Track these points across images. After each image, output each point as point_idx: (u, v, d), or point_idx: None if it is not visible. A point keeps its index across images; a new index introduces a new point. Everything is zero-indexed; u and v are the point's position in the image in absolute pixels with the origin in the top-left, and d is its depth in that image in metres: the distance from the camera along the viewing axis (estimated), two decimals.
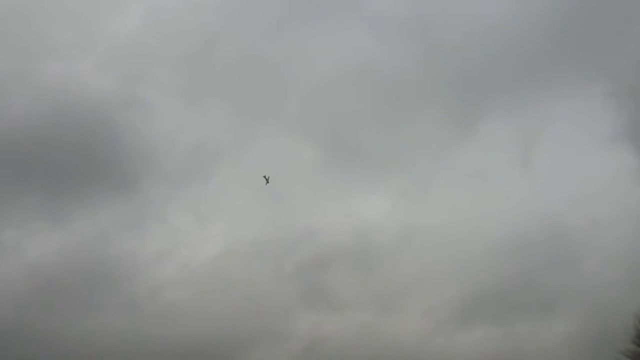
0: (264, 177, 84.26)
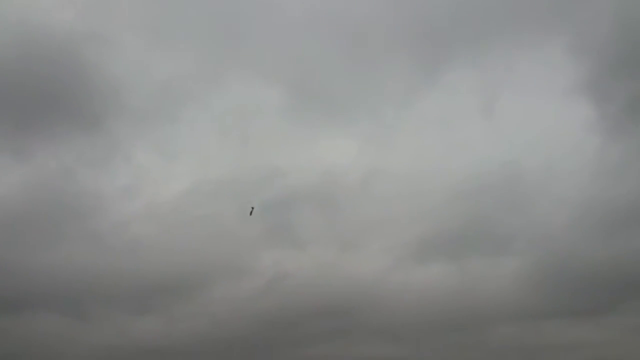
0: (251, 208, 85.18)
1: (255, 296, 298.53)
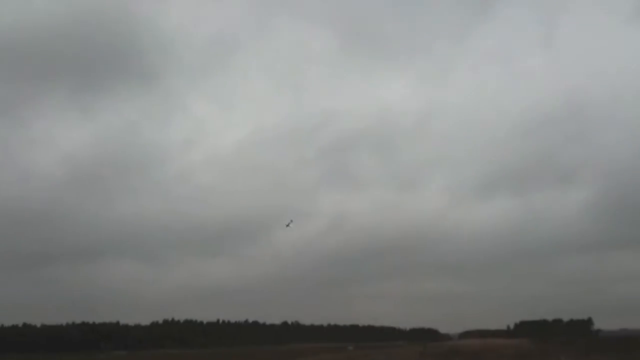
0: (290, 221, 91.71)
1: (317, 237, 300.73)
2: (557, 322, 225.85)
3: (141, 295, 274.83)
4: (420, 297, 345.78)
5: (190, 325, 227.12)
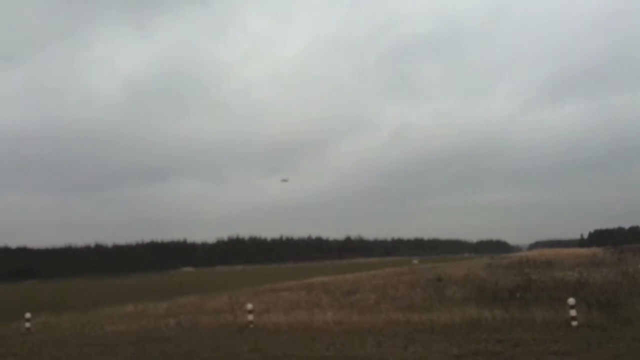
0: (286, 179, 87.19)
1: (378, 149, 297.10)
2: (634, 229, 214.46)
3: (206, 213, 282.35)
4: (488, 208, 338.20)
5: (254, 242, 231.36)
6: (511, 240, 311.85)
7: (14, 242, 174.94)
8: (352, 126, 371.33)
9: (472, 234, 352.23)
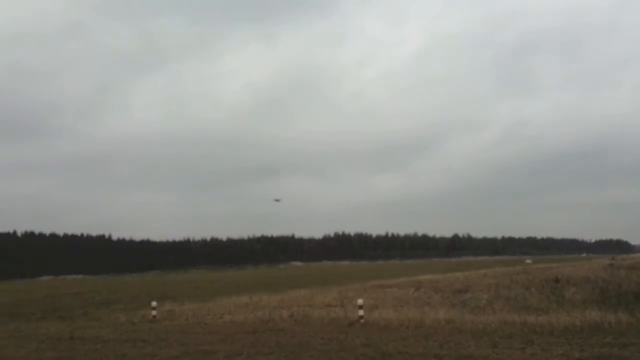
0: (278, 199, 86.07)
1: (491, 147, 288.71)
2: None
3: (315, 210, 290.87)
4: (607, 207, 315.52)
5: (360, 238, 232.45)
6: (633, 240, 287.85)
7: (139, 236, 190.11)
8: (465, 123, 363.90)
9: (589, 233, 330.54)
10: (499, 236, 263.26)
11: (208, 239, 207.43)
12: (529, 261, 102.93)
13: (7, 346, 16.42)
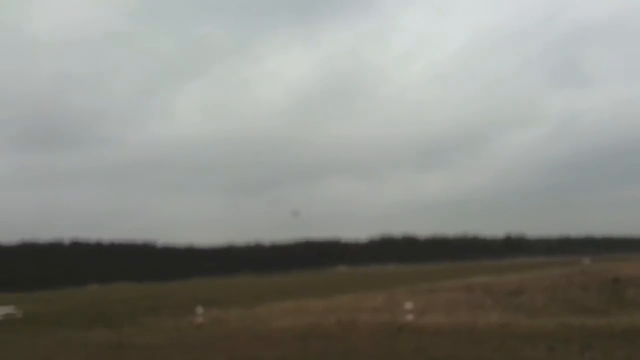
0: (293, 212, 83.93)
1: (543, 142, 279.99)
2: None
3: (359, 212, 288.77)
4: None
5: (407, 240, 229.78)
6: None
7: (183, 241, 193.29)
8: (514, 119, 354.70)
9: None
10: (555, 236, 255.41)
11: (252, 243, 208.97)
12: (587, 261, 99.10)
13: (57, 354, 16.66)
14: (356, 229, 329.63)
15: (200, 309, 23.49)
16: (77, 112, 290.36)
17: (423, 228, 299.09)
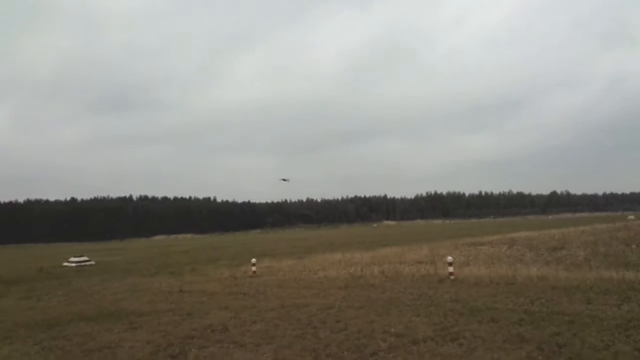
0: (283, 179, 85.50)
1: (591, 102, 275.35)
2: None
3: (407, 171, 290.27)
4: None
5: (453, 198, 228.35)
6: None
7: (241, 198, 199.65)
8: (563, 80, 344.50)
9: None
10: (600, 192, 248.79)
11: (304, 200, 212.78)
12: (631, 217, 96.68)
13: (125, 299, 18.29)
14: (405, 188, 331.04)
15: (254, 260, 25.02)
16: (143, 79, 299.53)
17: (469, 186, 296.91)
